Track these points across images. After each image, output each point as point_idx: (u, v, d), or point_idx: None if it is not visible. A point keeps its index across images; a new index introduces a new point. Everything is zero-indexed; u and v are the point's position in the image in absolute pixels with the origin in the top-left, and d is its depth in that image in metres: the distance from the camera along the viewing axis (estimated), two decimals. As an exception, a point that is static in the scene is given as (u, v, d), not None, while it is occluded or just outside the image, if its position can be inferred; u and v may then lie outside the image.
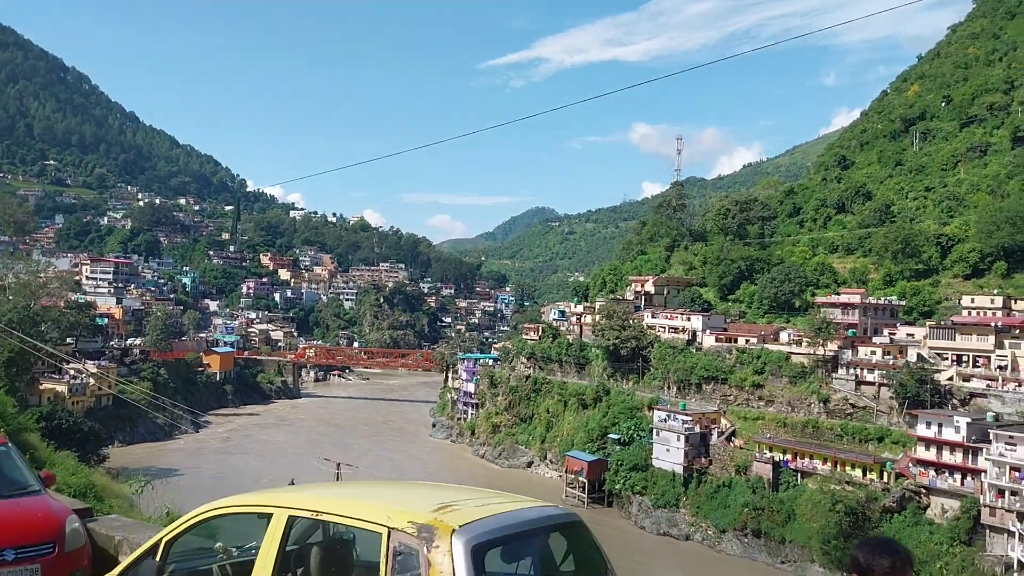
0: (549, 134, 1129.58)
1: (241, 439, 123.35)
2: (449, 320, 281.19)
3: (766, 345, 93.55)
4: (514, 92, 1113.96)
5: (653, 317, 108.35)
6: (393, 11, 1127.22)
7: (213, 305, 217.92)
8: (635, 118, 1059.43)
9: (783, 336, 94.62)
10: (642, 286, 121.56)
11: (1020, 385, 71.96)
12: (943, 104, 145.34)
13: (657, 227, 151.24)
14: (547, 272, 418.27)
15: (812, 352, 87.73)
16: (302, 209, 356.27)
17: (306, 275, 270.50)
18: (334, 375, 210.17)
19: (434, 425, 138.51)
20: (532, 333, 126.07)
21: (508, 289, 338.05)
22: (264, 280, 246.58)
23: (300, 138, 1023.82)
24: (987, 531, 62.36)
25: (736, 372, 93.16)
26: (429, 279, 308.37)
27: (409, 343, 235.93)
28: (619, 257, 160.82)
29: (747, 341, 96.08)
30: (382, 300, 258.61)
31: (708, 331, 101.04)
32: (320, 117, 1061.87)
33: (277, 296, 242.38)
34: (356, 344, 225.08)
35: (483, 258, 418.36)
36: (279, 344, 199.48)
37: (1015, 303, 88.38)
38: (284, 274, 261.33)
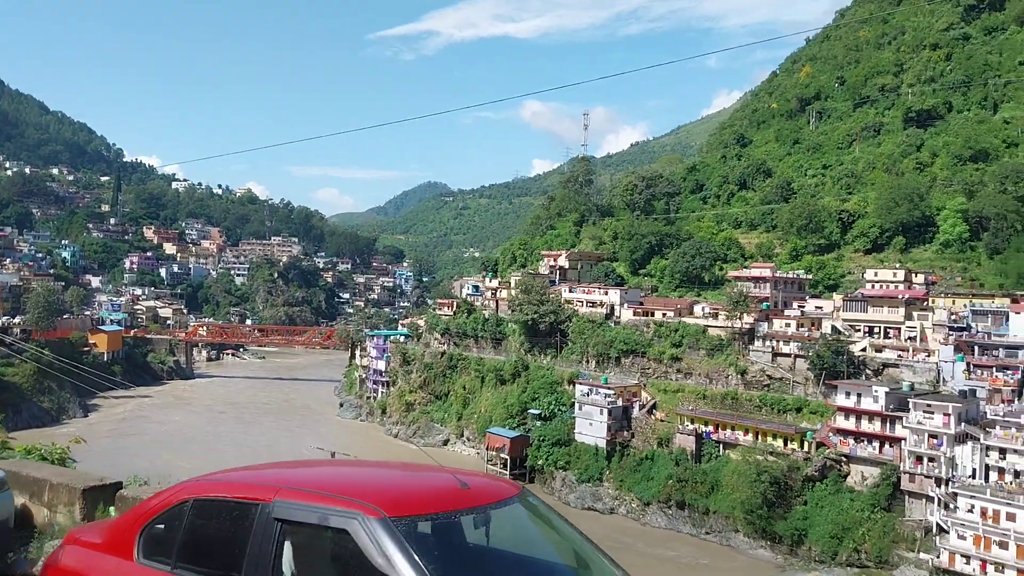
0: (441, 109, 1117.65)
1: (138, 422, 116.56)
2: (347, 296, 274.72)
3: (683, 318, 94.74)
4: (405, 65, 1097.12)
5: (571, 291, 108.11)
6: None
7: (95, 281, 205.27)
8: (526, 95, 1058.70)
9: (697, 309, 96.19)
10: (555, 260, 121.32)
11: (929, 355, 75.30)
12: (837, 85, 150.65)
13: (565, 202, 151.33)
14: (442, 247, 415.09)
15: (729, 325, 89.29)
16: (185, 180, 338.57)
17: (193, 249, 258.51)
18: (228, 354, 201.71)
19: (341, 405, 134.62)
20: (446, 308, 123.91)
21: (406, 264, 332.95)
22: (148, 255, 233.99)
23: (179, 107, 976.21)
24: (907, 497, 64.91)
25: (654, 345, 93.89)
26: (324, 254, 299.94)
27: (306, 320, 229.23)
28: (528, 232, 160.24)
29: (664, 315, 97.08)
30: (276, 275, 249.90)
31: (626, 305, 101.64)
32: (200, 85, 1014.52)
33: (163, 271, 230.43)
34: (249, 321, 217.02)
35: (377, 233, 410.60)
36: (168, 322, 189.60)
37: (915, 276, 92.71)
38: (170, 248, 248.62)
